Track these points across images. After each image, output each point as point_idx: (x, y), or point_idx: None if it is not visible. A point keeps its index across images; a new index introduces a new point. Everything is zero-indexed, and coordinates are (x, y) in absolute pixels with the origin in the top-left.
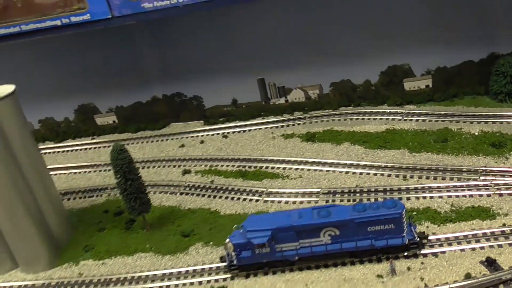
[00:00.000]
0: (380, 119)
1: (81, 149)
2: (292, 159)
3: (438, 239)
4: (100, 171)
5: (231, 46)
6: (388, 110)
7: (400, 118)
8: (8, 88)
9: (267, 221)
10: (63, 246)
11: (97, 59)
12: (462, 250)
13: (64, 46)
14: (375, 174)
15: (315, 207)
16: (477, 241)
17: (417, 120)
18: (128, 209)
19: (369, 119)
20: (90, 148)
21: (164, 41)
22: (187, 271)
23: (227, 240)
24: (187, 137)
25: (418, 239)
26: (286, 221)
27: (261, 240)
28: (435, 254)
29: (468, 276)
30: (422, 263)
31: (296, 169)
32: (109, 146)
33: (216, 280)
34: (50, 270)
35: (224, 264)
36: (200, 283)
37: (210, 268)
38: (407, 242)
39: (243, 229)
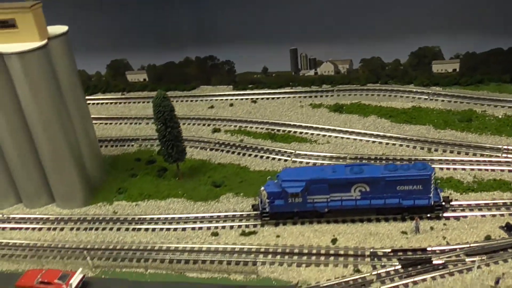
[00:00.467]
0: (407, 97)
1: (111, 103)
2: (320, 126)
3: (460, 205)
4: (131, 123)
5: (268, 15)
6: (414, 90)
7: (426, 97)
8: (61, 28)
9: (302, 173)
10: (97, 188)
11: (134, 17)
12: (483, 216)
13: (103, 2)
14: (401, 145)
15: (348, 164)
16: (498, 209)
17: (442, 101)
18: (164, 156)
19: (395, 96)
20: (120, 103)
21: (202, 4)
22: (218, 216)
23: (262, 188)
24: (216, 100)
25: (443, 202)
26: (320, 174)
27: (295, 189)
28: (457, 218)
29: (488, 238)
30: (444, 224)
31: (324, 135)
32: (139, 102)
33: (247, 226)
34: (84, 208)
35: (255, 212)
36: (231, 227)
37: (241, 215)
38: (432, 204)
39: (278, 179)
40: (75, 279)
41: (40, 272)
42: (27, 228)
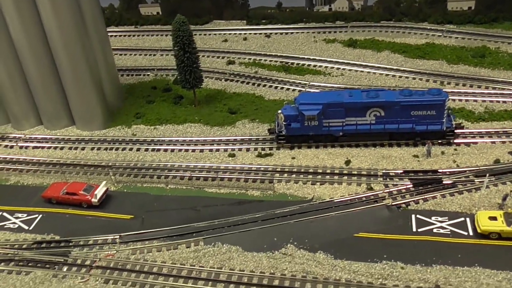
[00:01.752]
0: (421, 34)
1: (125, 35)
2: (334, 59)
3: (471, 132)
4: (146, 54)
5: None
6: (428, 27)
7: (440, 34)
8: None
9: (319, 97)
10: (116, 112)
11: None
12: (493, 142)
13: None
14: (414, 79)
15: (364, 89)
16: (507, 137)
17: (456, 38)
18: (181, 82)
19: (409, 33)
20: (134, 35)
21: None
22: (235, 139)
23: (279, 111)
24: (230, 34)
25: (455, 128)
26: (337, 98)
27: (312, 112)
28: (467, 144)
29: (497, 162)
30: (455, 149)
31: (338, 68)
32: (153, 35)
33: (263, 149)
34: (104, 130)
35: (271, 136)
36: (247, 150)
37: (257, 139)
38: (445, 129)
39: (296, 102)
40: (99, 191)
41: (65, 185)
42: (49, 147)
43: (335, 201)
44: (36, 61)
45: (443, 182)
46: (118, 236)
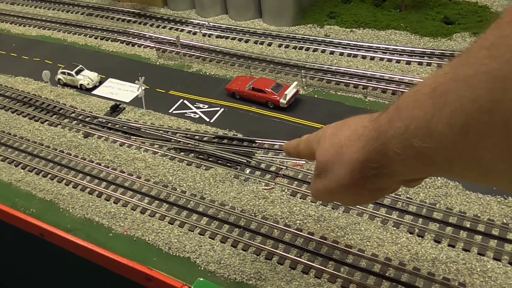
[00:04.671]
0: None
1: None
2: None
3: None
4: None
5: None
6: None
7: None
8: None
9: None
10: (307, 9)
11: None
12: None
13: None
14: None
15: None
16: None
17: None
18: None
19: None
20: None
21: None
22: (452, 54)
23: None
24: None
25: None
26: None
27: None
28: None
29: None
30: None
31: None
32: None
33: None
34: (293, 27)
35: None
36: None
37: None
38: None
39: None
40: (290, 92)
41: (251, 79)
42: (233, 38)
43: None
44: None
45: None
46: None
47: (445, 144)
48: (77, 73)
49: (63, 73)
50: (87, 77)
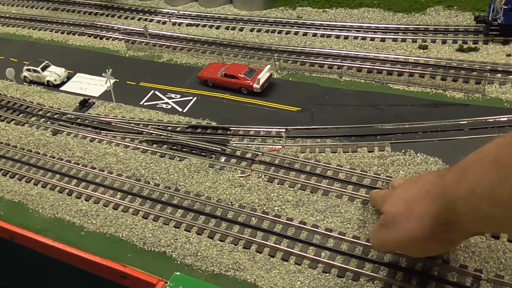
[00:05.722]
0: None
1: None
2: None
3: None
4: None
5: None
6: None
7: None
8: None
9: None
10: None
11: None
12: None
13: None
14: None
15: None
16: None
17: None
18: None
19: None
20: None
21: None
22: (426, 29)
23: None
24: None
25: None
26: None
27: None
28: None
29: None
30: None
31: None
32: None
33: (465, 42)
34: (264, 10)
35: (478, 25)
36: (443, 41)
37: (457, 29)
38: None
39: None
40: (263, 76)
41: (224, 66)
42: (204, 25)
43: None
44: None
45: None
46: (283, 130)
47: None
48: (43, 69)
49: (29, 70)
50: (54, 73)
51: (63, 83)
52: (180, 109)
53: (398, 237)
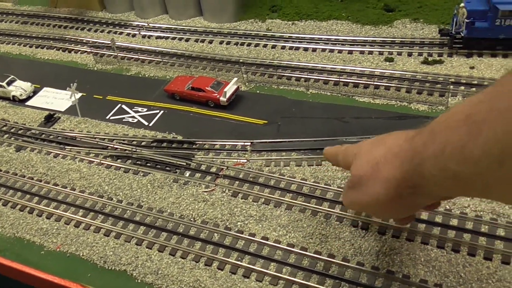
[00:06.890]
0: None
1: None
2: None
3: None
4: None
5: None
6: None
7: None
8: None
9: None
10: (248, 4)
11: None
12: None
13: None
14: None
15: None
16: None
17: None
18: None
19: None
20: None
21: None
22: (393, 41)
23: (461, 4)
24: None
25: None
26: None
27: (511, 6)
28: None
29: None
30: None
31: None
32: None
33: (430, 54)
34: (234, 23)
35: (443, 38)
36: (409, 54)
37: (422, 42)
38: None
39: None
40: (229, 89)
41: (191, 79)
42: (173, 38)
43: None
44: None
45: None
46: (249, 143)
47: (481, 170)
48: (9, 84)
49: None
50: (20, 87)
51: (29, 97)
52: (146, 123)
53: (365, 199)
